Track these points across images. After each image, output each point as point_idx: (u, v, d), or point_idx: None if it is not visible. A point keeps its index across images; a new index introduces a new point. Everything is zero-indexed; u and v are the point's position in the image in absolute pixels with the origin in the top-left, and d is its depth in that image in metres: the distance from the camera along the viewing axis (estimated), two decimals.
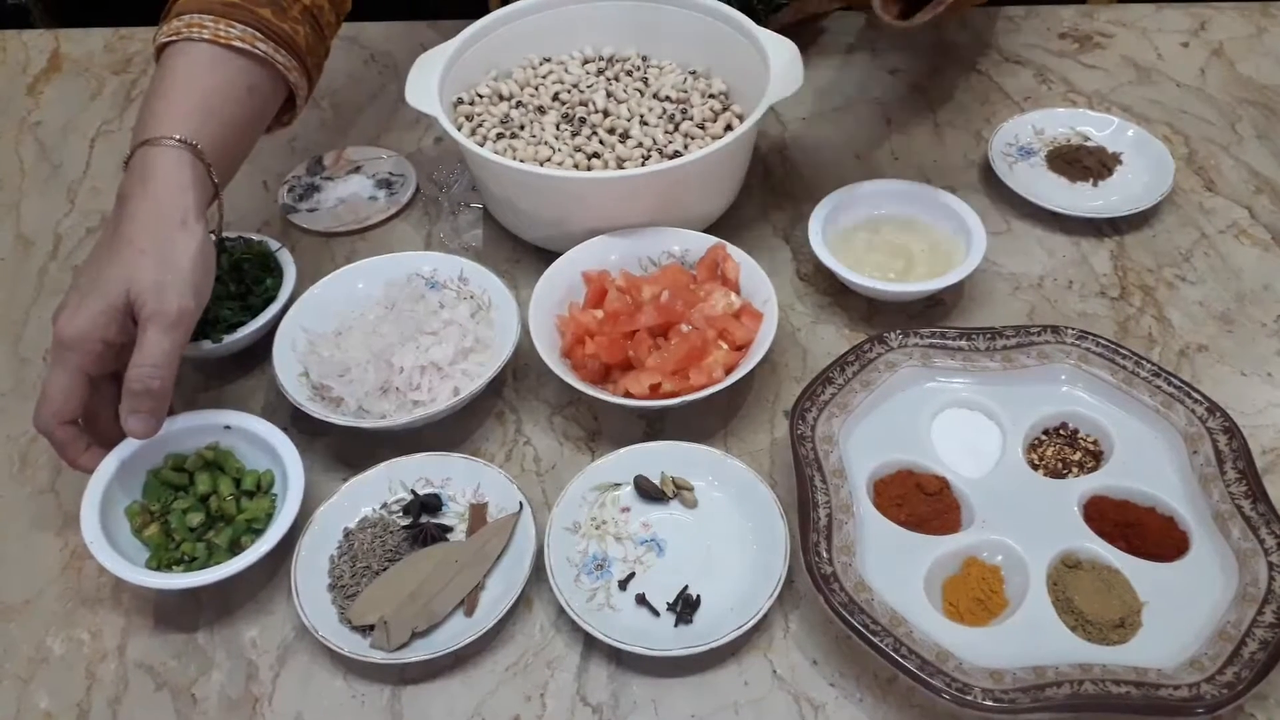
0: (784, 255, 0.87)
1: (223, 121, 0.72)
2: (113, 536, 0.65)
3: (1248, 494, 0.64)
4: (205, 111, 0.71)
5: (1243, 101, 1.00)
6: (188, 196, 0.68)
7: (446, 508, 0.70)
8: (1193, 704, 0.55)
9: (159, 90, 0.71)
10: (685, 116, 0.89)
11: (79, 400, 0.65)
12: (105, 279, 0.65)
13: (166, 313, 0.64)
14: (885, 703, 0.60)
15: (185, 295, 0.65)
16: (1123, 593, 0.62)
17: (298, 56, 0.77)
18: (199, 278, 0.67)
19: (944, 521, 0.66)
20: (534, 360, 0.75)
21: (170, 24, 0.73)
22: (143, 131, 0.69)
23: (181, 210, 0.67)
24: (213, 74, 0.72)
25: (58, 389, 0.65)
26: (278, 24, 0.75)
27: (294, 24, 0.76)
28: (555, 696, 0.62)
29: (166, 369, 0.64)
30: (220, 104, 0.72)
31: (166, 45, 0.73)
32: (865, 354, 0.73)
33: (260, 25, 0.74)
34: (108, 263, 0.65)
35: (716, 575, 0.65)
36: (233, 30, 0.73)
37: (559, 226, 0.82)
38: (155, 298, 0.64)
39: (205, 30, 0.72)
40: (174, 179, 0.68)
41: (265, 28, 0.74)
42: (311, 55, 0.79)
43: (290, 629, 0.65)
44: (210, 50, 0.72)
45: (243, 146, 0.76)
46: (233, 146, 0.73)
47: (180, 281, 0.65)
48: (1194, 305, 0.82)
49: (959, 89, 1.03)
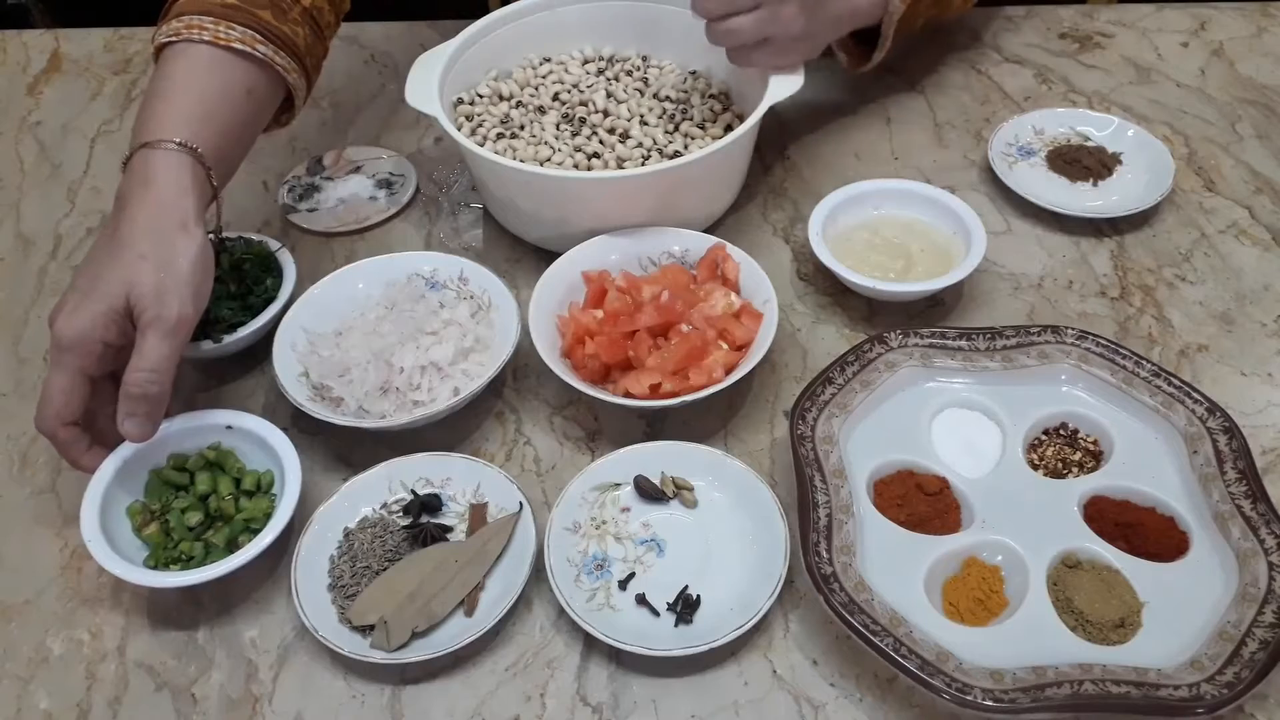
0: (784, 255, 0.87)
1: (222, 124, 0.72)
2: (113, 536, 0.66)
3: (1248, 494, 0.64)
4: (205, 114, 0.71)
5: (1243, 101, 1.00)
6: (187, 200, 0.68)
7: (446, 508, 0.70)
8: (1193, 704, 0.55)
9: (158, 91, 0.71)
10: (685, 116, 0.89)
11: (80, 401, 0.65)
12: (105, 281, 0.65)
13: (166, 318, 0.64)
14: (885, 703, 0.60)
15: (185, 301, 0.66)
16: (1123, 593, 0.62)
17: (297, 58, 0.77)
18: (198, 282, 0.67)
19: (944, 521, 0.66)
20: (534, 360, 0.75)
21: (169, 24, 0.73)
22: (142, 133, 0.69)
23: (181, 214, 0.67)
24: (212, 76, 0.72)
25: (58, 390, 0.65)
26: (277, 26, 0.75)
27: (294, 26, 0.77)
28: (555, 696, 0.62)
29: (164, 374, 0.65)
30: (219, 107, 0.72)
31: (165, 46, 0.73)
32: (865, 354, 0.73)
33: (260, 27, 0.74)
34: (107, 265, 0.66)
35: (716, 575, 0.65)
36: (232, 32, 0.73)
37: (559, 226, 0.82)
38: (155, 303, 0.64)
39: (205, 32, 0.72)
40: (174, 182, 0.68)
41: (265, 30, 0.74)
42: (310, 56, 0.79)
43: (290, 629, 0.65)
44: (210, 52, 0.72)
45: (241, 148, 0.76)
46: (231, 149, 0.74)
47: (180, 286, 0.66)
48: (1194, 305, 0.82)
49: (959, 89, 1.03)
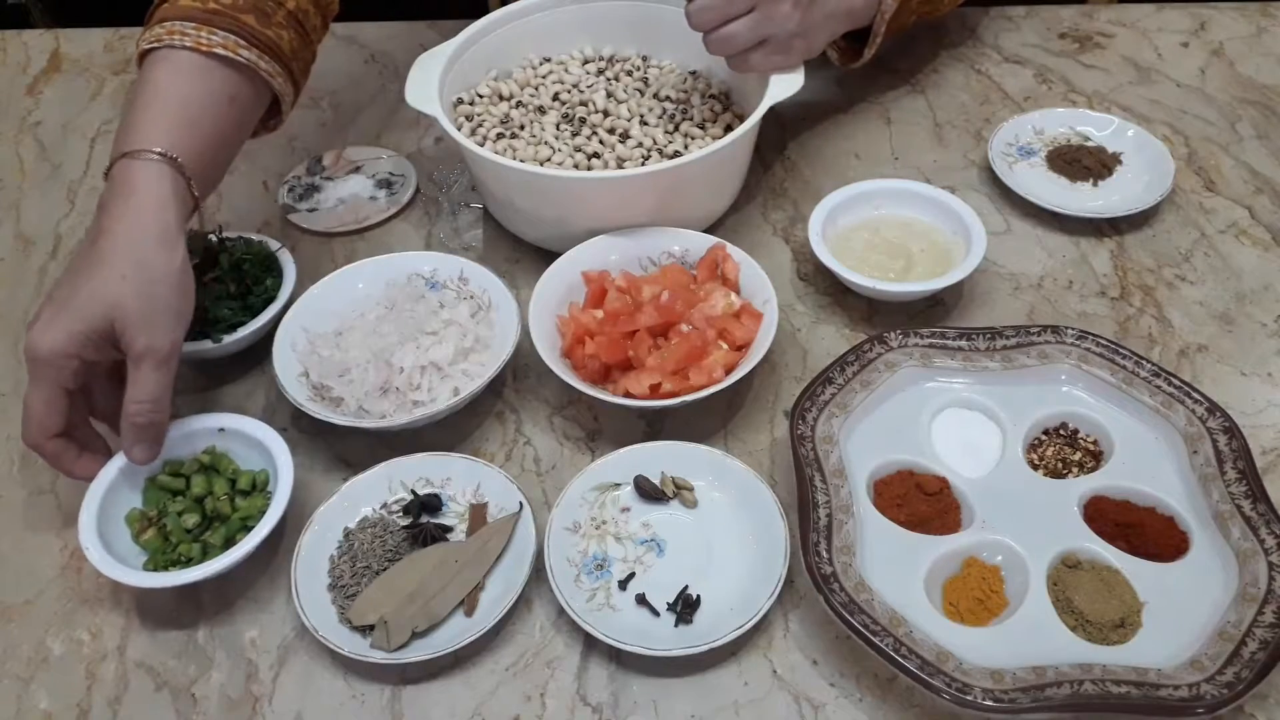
0: (784, 255, 0.87)
1: (204, 133, 0.71)
2: (111, 541, 0.66)
3: (1248, 494, 0.64)
4: (186, 123, 0.70)
5: (1243, 101, 1.00)
6: (168, 213, 0.67)
7: (446, 508, 0.70)
8: (1193, 704, 0.55)
9: (140, 100, 0.70)
10: (685, 116, 0.89)
11: (60, 413, 0.65)
12: (83, 298, 0.64)
13: (159, 349, 0.64)
14: (885, 703, 0.60)
15: (173, 328, 0.66)
16: (1123, 593, 0.62)
17: (282, 63, 0.76)
18: (181, 302, 0.67)
19: (944, 521, 0.66)
20: (534, 360, 0.75)
21: (151, 30, 0.72)
22: (123, 143, 0.68)
23: (161, 227, 0.66)
24: (193, 84, 0.71)
25: (39, 404, 0.64)
26: (261, 30, 0.74)
27: (278, 29, 0.76)
28: (555, 696, 0.62)
29: (164, 401, 0.66)
30: (201, 115, 0.71)
31: (148, 52, 0.72)
32: (865, 354, 0.73)
33: (243, 32, 0.73)
34: (86, 279, 0.64)
35: (716, 575, 0.65)
36: (214, 37, 0.72)
37: (559, 226, 0.82)
38: (145, 332, 0.64)
39: (187, 38, 0.71)
40: (154, 195, 0.67)
41: (248, 34, 0.73)
42: (297, 60, 0.78)
43: (290, 629, 0.65)
44: (191, 58, 0.71)
45: (224, 156, 0.75)
46: (214, 158, 0.73)
47: (166, 311, 0.65)
48: (1194, 305, 0.82)
49: (959, 89, 1.03)
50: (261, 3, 0.75)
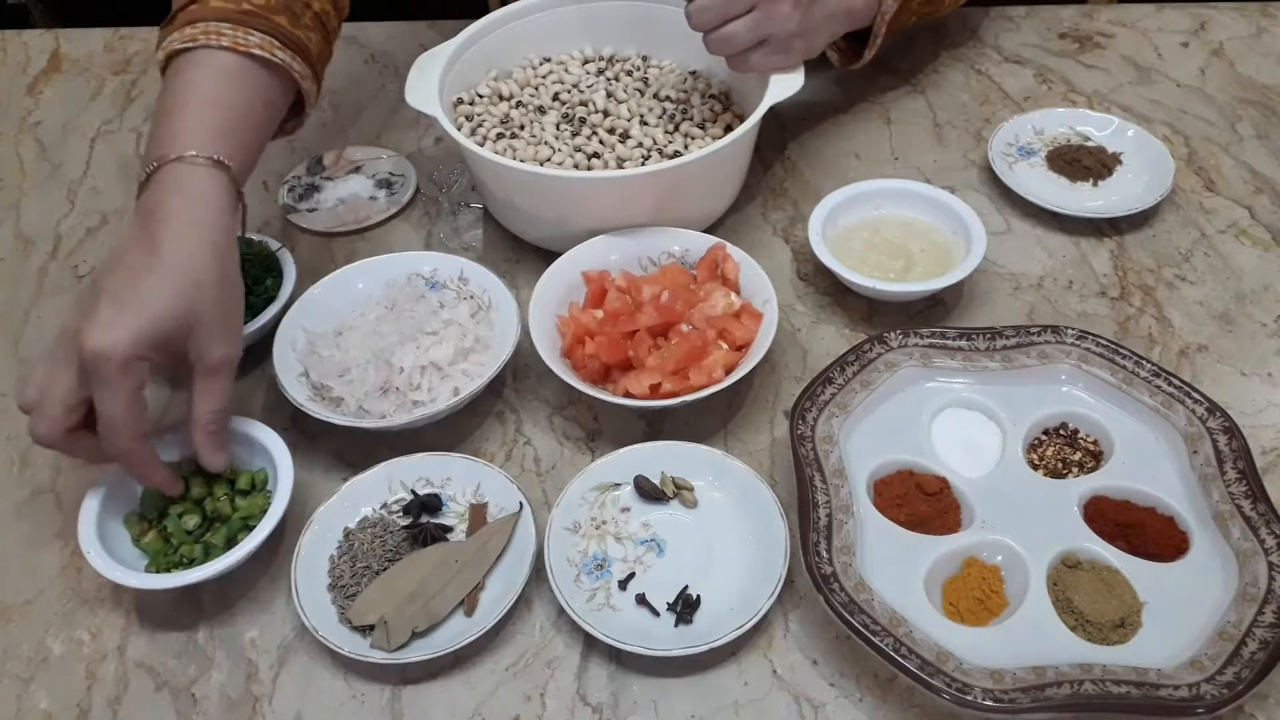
0: (784, 255, 0.87)
1: (245, 138, 0.70)
2: (112, 544, 0.66)
3: (1248, 494, 0.64)
4: (231, 127, 0.69)
5: (1243, 101, 1.00)
6: (226, 219, 0.66)
7: (446, 508, 0.70)
8: (1193, 704, 0.55)
9: (178, 101, 0.69)
10: (685, 116, 0.89)
11: (143, 414, 0.62)
12: (152, 300, 0.61)
13: (234, 359, 0.66)
14: (885, 703, 0.60)
15: (241, 338, 0.67)
16: (1123, 593, 0.62)
17: (310, 64, 0.76)
18: (242, 312, 0.68)
19: (944, 521, 0.66)
20: (534, 360, 0.75)
21: (183, 31, 0.71)
22: (167, 145, 0.67)
23: (226, 236, 0.66)
24: (233, 86, 0.71)
25: (119, 410, 0.60)
26: (293, 31, 0.74)
27: (306, 31, 0.76)
28: (555, 696, 0.62)
29: (231, 405, 0.67)
30: (242, 118, 0.70)
31: (180, 53, 0.71)
32: (865, 354, 0.73)
33: (278, 33, 0.73)
34: (150, 280, 0.62)
35: (716, 575, 0.65)
36: (251, 38, 0.71)
37: (559, 226, 0.82)
38: (223, 344, 0.64)
39: (224, 38, 0.70)
40: (213, 201, 0.66)
41: (282, 35, 0.73)
42: (320, 62, 0.79)
43: (290, 629, 0.65)
44: (229, 59, 0.71)
45: (256, 159, 0.74)
46: (251, 161, 0.72)
47: (237, 319, 0.67)
48: (1194, 305, 0.82)
49: (959, 89, 1.03)
50: (291, 4, 0.75)
